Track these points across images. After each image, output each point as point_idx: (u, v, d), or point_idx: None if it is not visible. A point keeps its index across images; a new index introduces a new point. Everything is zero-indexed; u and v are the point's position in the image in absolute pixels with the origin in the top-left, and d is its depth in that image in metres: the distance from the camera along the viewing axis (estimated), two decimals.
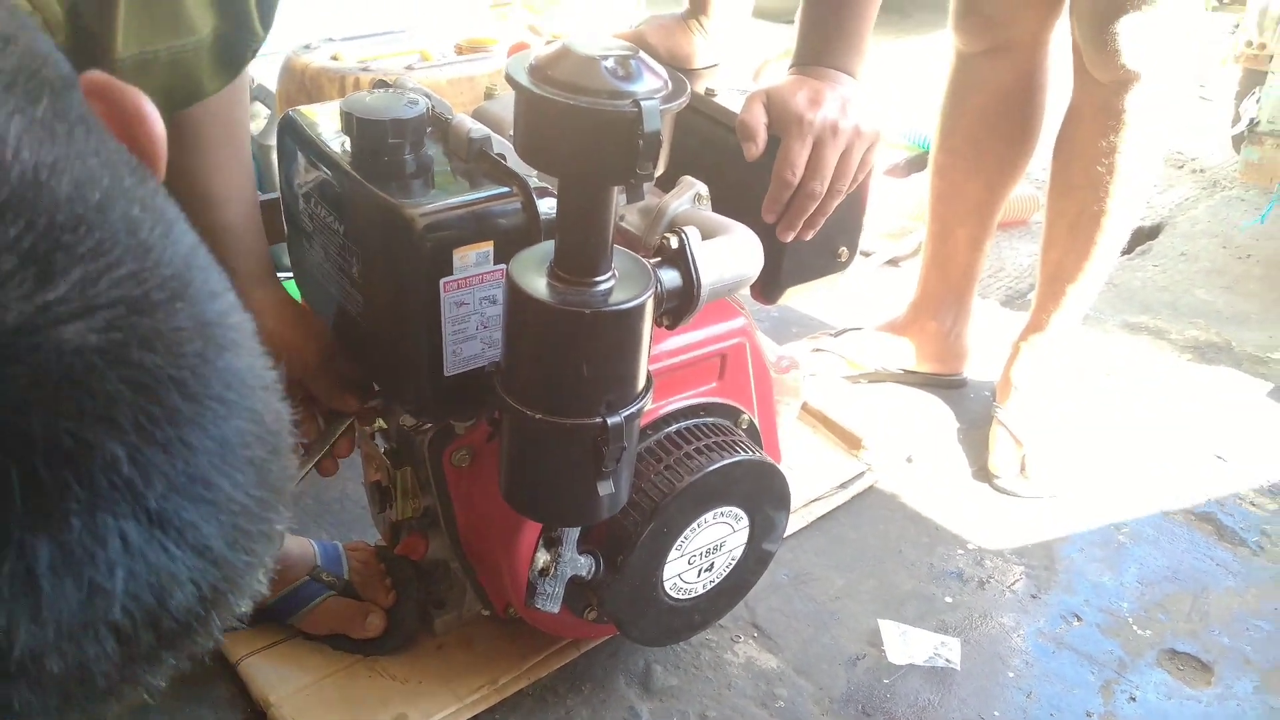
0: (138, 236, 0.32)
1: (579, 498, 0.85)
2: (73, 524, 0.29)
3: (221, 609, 0.35)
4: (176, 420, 0.31)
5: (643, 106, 0.66)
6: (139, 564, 0.31)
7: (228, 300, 0.35)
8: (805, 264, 1.09)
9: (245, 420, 0.34)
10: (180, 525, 0.32)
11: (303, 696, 1.08)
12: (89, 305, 0.30)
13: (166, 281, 0.32)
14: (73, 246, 0.30)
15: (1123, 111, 1.37)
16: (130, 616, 0.32)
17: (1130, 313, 2.00)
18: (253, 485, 0.34)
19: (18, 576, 0.29)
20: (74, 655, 0.31)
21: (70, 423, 0.29)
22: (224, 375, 0.33)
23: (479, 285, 0.87)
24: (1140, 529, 1.48)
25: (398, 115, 0.86)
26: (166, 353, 0.31)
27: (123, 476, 0.30)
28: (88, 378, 0.29)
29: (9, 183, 0.30)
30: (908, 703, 1.19)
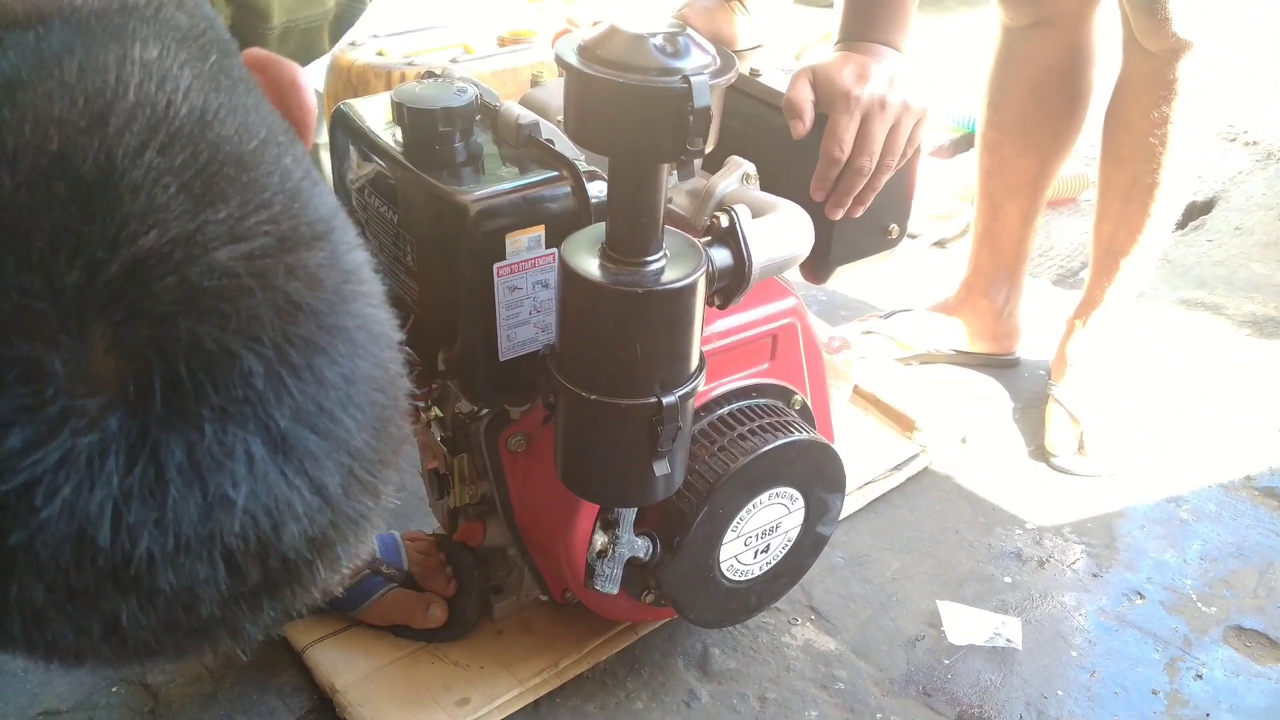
0: (290, 182, 0.34)
1: (635, 478, 0.86)
2: (205, 430, 0.30)
3: (326, 559, 0.35)
4: (311, 348, 0.32)
5: (692, 82, 0.66)
6: (260, 485, 0.31)
7: (364, 256, 0.37)
8: (855, 242, 1.09)
9: (372, 365, 0.35)
10: (302, 454, 0.32)
11: (367, 682, 1.09)
12: (242, 231, 0.31)
13: (313, 224, 0.34)
14: (232, 179, 0.32)
15: (1175, 81, 1.35)
16: (245, 541, 0.32)
17: (1185, 288, 1.97)
18: (371, 433, 0.35)
19: (148, 476, 0.30)
20: (187, 573, 0.31)
21: (215, 330, 0.30)
22: (358, 318, 0.34)
23: (531, 270, 0.88)
24: (1202, 505, 1.46)
25: (448, 104, 0.87)
26: (309, 284, 0.32)
27: (257, 391, 0.31)
28: (235, 293, 0.30)
29: (178, 118, 0.32)
30: (969, 683, 1.18)
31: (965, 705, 1.16)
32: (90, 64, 0.32)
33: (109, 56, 0.32)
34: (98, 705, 1.10)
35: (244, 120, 0.34)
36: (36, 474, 0.28)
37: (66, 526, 0.29)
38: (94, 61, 0.32)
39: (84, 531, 0.29)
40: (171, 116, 0.32)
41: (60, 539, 0.29)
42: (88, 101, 0.31)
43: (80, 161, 0.30)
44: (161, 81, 0.33)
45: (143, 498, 0.30)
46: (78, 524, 0.29)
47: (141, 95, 0.32)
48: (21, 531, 0.29)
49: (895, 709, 1.14)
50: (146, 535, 0.30)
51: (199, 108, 0.33)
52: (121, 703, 1.11)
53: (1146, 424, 1.58)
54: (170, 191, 0.30)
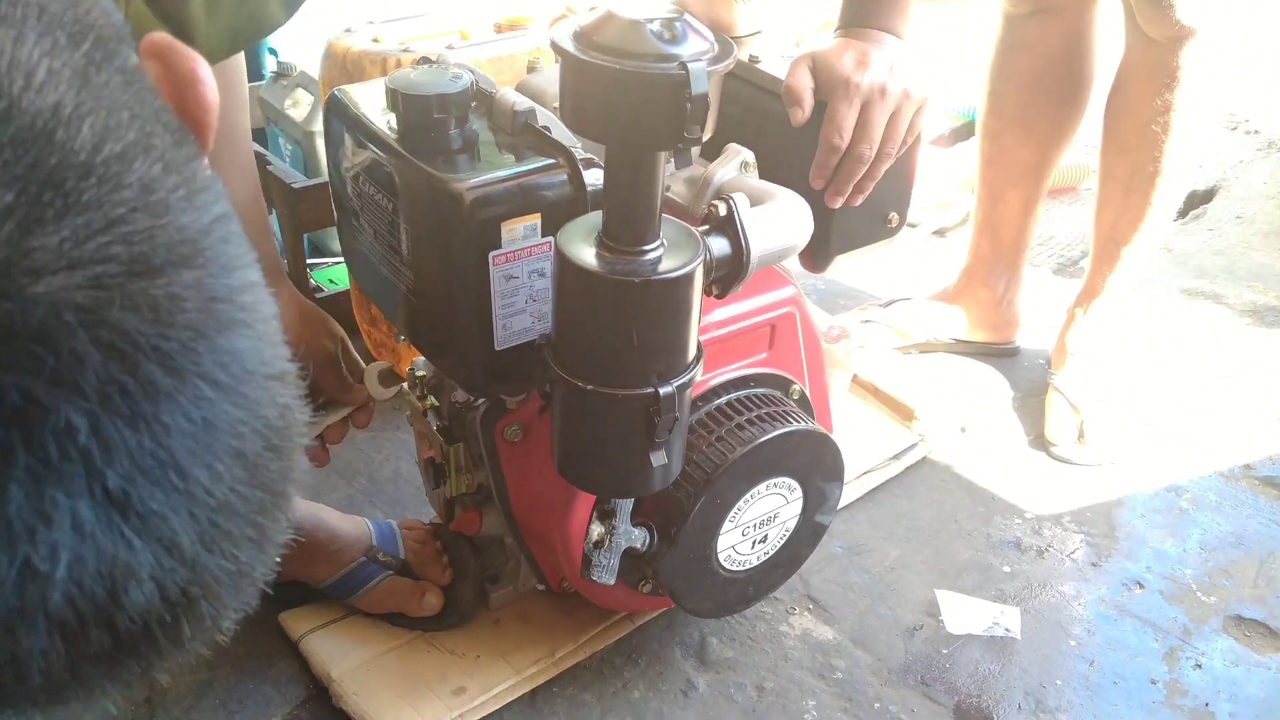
0: (153, 195, 0.30)
1: (632, 469, 0.85)
2: (12, 492, 0.27)
3: (193, 617, 0.32)
4: (152, 395, 0.28)
5: (689, 68, 0.65)
6: (88, 549, 0.28)
7: (246, 277, 0.32)
8: (854, 231, 1.08)
9: (239, 408, 0.31)
10: (143, 512, 0.29)
11: (363, 671, 1.09)
12: (78, 258, 0.27)
13: (175, 245, 0.30)
14: (76, 194, 0.28)
15: (1177, 69, 1.34)
16: (74, 608, 0.28)
17: (1186, 277, 1.96)
18: (240, 481, 0.31)
19: None
20: (7, 646, 0.28)
21: (25, 379, 0.26)
22: (220, 355, 0.30)
23: (527, 258, 0.87)
24: (1202, 495, 1.46)
25: (442, 90, 0.86)
26: (154, 319, 0.28)
27: (79, 447, 0.27)
28: (54, 333, 0.27)
29: (23, 117, 0.28)
30: (967, 672, 1.18)
31: (964, 695, 1.15)
32: None
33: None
34: None
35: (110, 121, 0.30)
36: None
37: None
38: None
39: None
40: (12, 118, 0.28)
41: None
42: None
43: None
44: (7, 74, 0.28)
45: None
46: None
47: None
48: None
49: (893, 698, 1.14)
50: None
51: (49, 106, 0.29)
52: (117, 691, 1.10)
53: (1146, 413, 1.58)
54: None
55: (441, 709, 1.06)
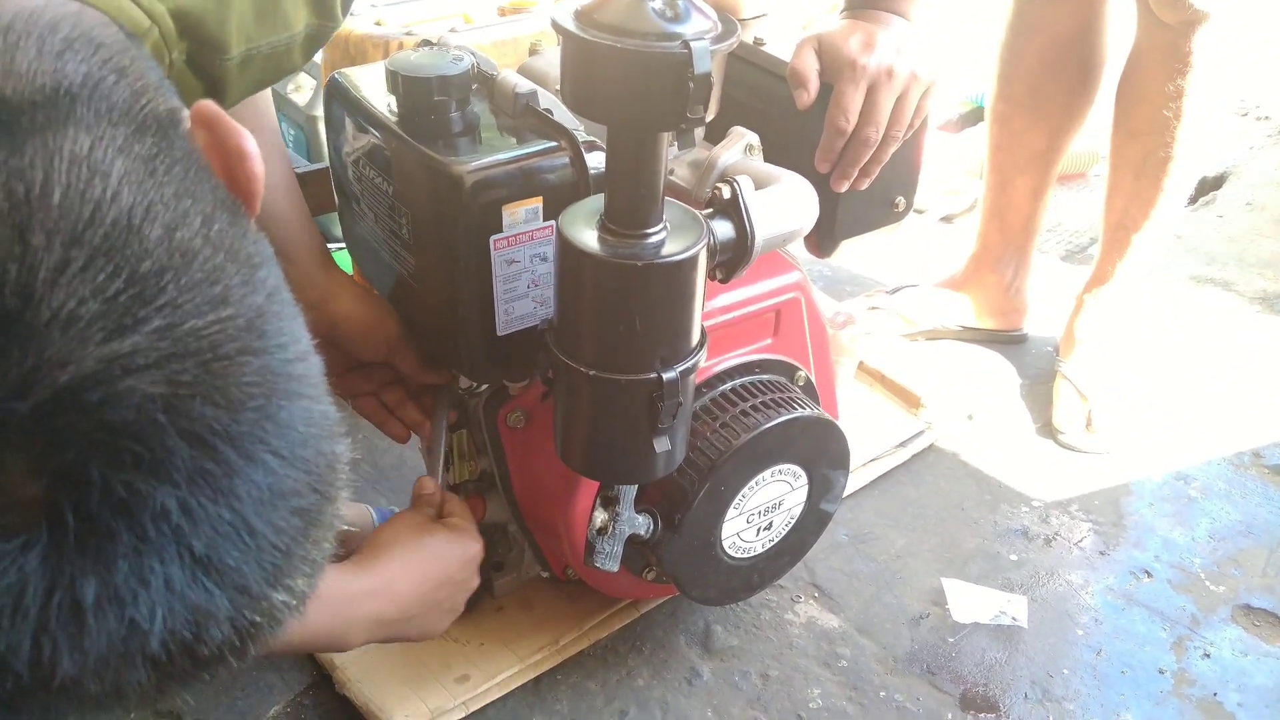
0: (218, 286, 0.33)
1: (635, 455, 0.84)
2: (119, 566, 0.31)
3: (257, 639, 0.37)
4: (228, 472, 0.33)
5: (692, 47, 0.64)
6: (179, 603, 0.33)
7: (298, 348, 0.37)
8: (861, 215, 1.07)
9: (297, 469, 0.35)
10: (221, 568, 0.33)
11: (367, 658, 1.08)
12: (160, 357, 0.31)
13: (240, 333, 0.34)
14: (156, 296, 0.31)
15: (1190, 53, 1.32)
16: (167, 649, 0.33)
17: (1196, 264, 1.95)
18: (298, 530, 0.36)
19: (64, 609, 0.31)
20: (111, 679, 0.33)
21: (127, 474, 0.31)
22: (282, 428, 0.35)
23: (529, 243, 0.86)
24: (1211, 483, 1.44)
25: (443, 72, 0.85)
26: (228, 407, 0.33)
27: (171, 525, 0.32)
28: (149, 430, 0.31)
29: (104, 226, 0.31)
30: (974, 661, 1.17)
31: (970, 683, 1.15)
32: (14, 166, 0.31)
33: (36, 157, 0.32)
34: None
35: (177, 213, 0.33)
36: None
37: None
38: (18, 164, 0.31)
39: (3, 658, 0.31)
40: (95, 225, 0.31)
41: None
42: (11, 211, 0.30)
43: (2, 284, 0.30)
44: (89, 182, 0.32)
45: (60, 628, 0.31)
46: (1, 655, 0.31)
47: (65, 202, 0.31)
48: None
49: (899, 687, 1.14)
50: (64, 659, 0.31)
51: (126, 211, 0.32)
52: None
53: (1155, 401, 1.57)
54: (90, 318, 0.30)
55: (446, 696, 1.06)
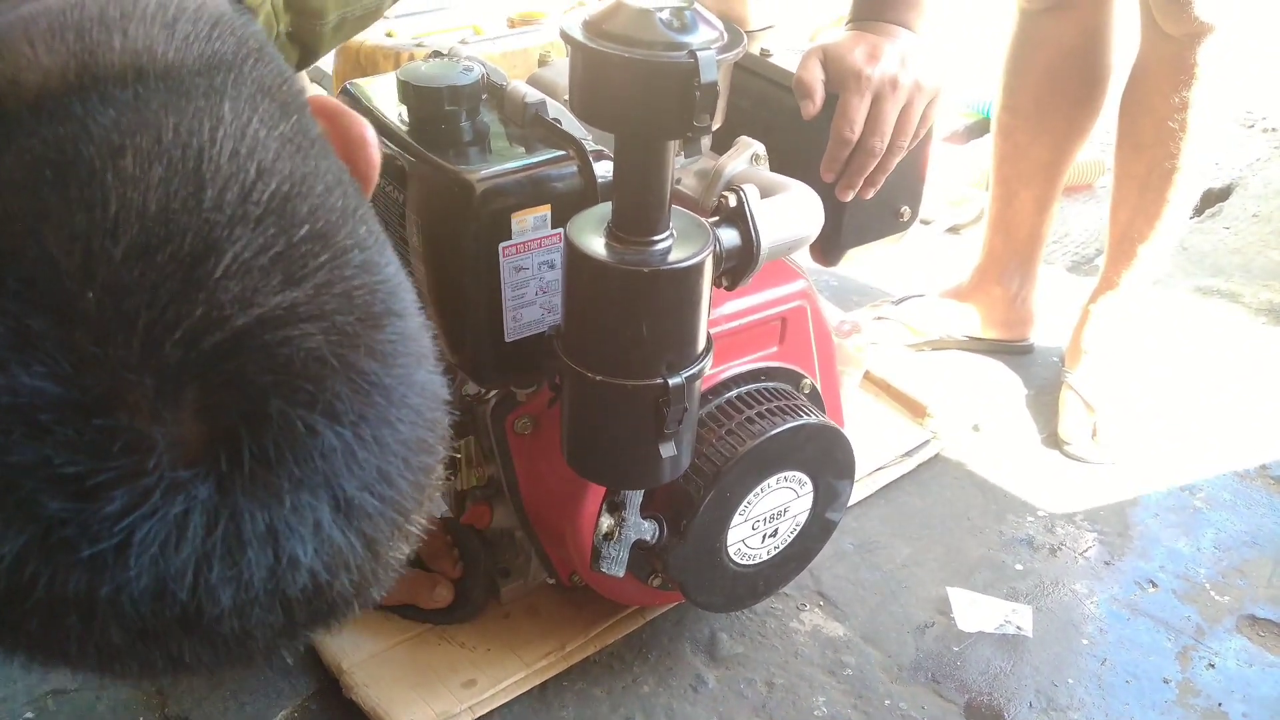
0: (365, 254, 0.36)
1: (641, 460, 0.85)
2: (285, 500, 0.33)
3: (363, 599, 0.38)
4: (381, 422, 0.34)
5: (699, 57, 0.65)
6: (325, 545, 0.34)
7: (422, 319, 0.39)
8: (866, 224, 1.08)
9: (426, 430, 0.37)
10: (361, 517, 0.35)
11: (374, 663, 1.09)
12: (325, 309, 0.33)
13: (385, 297, 0.36)
14: (317, 255, 0.34)
15: (1195, 65, 1.33)
16: (304, 591, 0.34)
17: (1202, 276, 1.95)
18: (417, 490, 0.37)
19: (229, 540, 0.32)
20: (250, 619, 0.34)
21: (303, 410, 0.32)
22: (418, 387, 0.37)
23: (537, 250, 0.87)
24: (1216, 494, 1.45)
25: (453, 82, 0.87)
26: (383, 362, 0.35)
27: (332, 465, 0.33)
28: (321, 374, 0.33)
29: (267, 191, 0.33)
30: (978, 670, 1.17)
31: (975, 692, 1.15)
32: (185, 129, 0.33)
33: (204, 121, 0.34)
34: (105, 684, 1.10)
35: (324, 189, 0.36)
36: (130, 536, 0.31)
37: (151, 580, 0.32)
38: (189, 125, 0.34)
39: (166, 585, 0.32)
40: (261, 189, 0.33)
41: (144, 591, 0.32)
42: (184, 171, 0.32)
43: (181, 236, 0.31)
44: (252, 149, 0.34)
45: (222, 557, 0.32)
46: (161, 578, 0.32)
47: (234, 165, 0.33)
48: (110, 585, 0.32)
49: (904, 695, 1.14)
50: (222, 590, 0.33)
51: (285, 178, 0.34)
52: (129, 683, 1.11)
53: (1161, 412, 1.57)
54: (263, 269, 0.32)
55: (452, 701, 1.06)
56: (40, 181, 0.32)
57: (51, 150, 0.32)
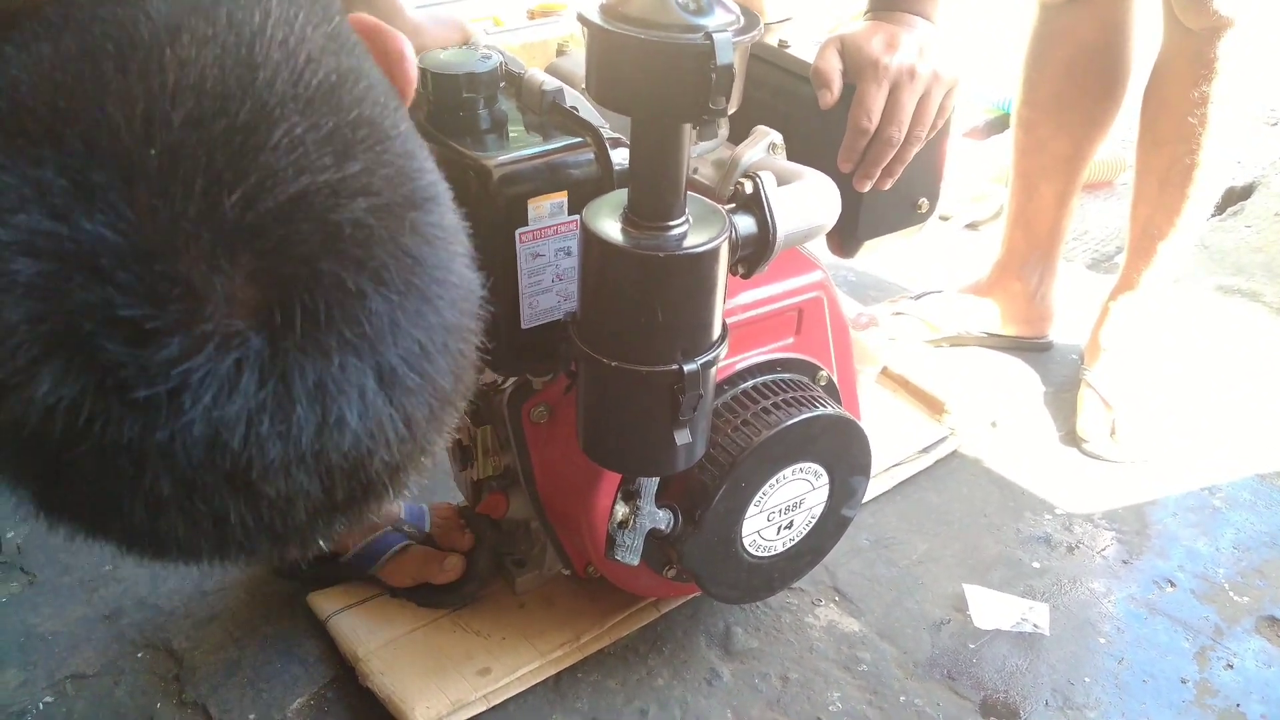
0: (407, 145, 0.37)
1: (656, 447, 0.85)
2: (333, 359, 0.34)
3: (395, 485, 0.39)
4: (422, 297, 0.36)
5: (715, 39, 0.65)
6: (368, 413, 0.35)
7: (459, 219, 0.40)
8: (883, 216, 1.07)
9: (463, 317, 0.39)
10: (402, 390, 0.36)
11: (390, 650, 1.10)
12: (373, 187, 0.35)
13: (428, 186, 0.37)
14: (363, 140, 0.35)
15: (1215, 60, 1.32)
16: (345, 460, 0.35)
17: (1223, 274, 1.93)
18: (453, 377, 0.38)
19: (280, 394, 0.33)
20: (293, 483, 0.35)
21: (352, 273, 0.34)
22: (459, 274, 0.38)
23: (554, 236, 0.87)
24: (1236, 494, 1.43)
25: (472, 70, 0.87)
26: (426, 240, 0.36)
27: (377, 328, 0.34)
28: (369, 242, 0.34)
29: (315, 78, 0.35)
30: (994, 668, 1.17)
31: (990, 690, 1.14)
32: (237, 17, 0.35)
33: (254, 11, 0.35)
34: (124, 670, 1.12)
35: (367, 85, 0.37)
36: (186, 381, 0.32)
37: (205, 429, 0.33)
38: (240, 14, 0.35)
39: (219, 435, 0.33)
40: (309, 75, 0.35)
41: (197, 440, 0.33)
42: (239, 50, 0.34)
43: (237, 108, 0.33)
44: (300, 41, 0.35)
45: (273, 412, 0.33)
46: (215, 428, 0.33)
47: (284, 52, 0.35)
48: (165, 430, 0.32)
49: (919, 692, 1.13)
50: (270, 444, 0.33)
51: (332, 69, 0.36)
52: (147, 669, 1.12)
53: (1180, 410, 1.56)
54: (313, 144, 0.33)
55: (467, 688, 1.06)
56: (102, 54, 0.33)
57: (112, 28, 0.33)
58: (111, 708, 1.08)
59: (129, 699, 1.09)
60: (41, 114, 0.32)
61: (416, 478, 0.40)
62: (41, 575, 1.22)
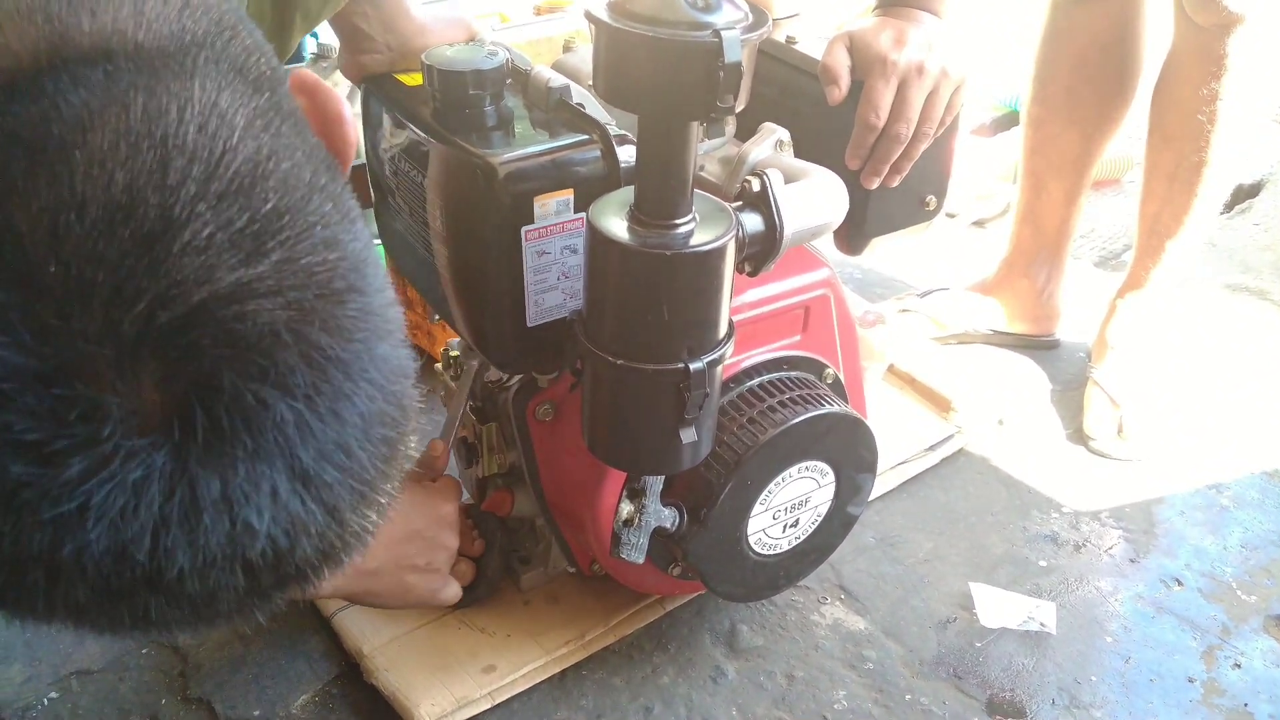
0: (328, 230, 0.36)
1: (662, 446, 0.85)
2: (239, 469, 0.34)
3: (331, 564, 0.39)
4: (336, 395, 0.36)
5: (723, 37, 0.64)
6: (281, 512, 0.35)
7: (388, 295, 0.40)
8: (891, 213, 1.07)
9: (388, 404, 0.38)
10: (320, 486, 0.36)
11: (394, 647, 1.09)
12: (283, 285, 0.34)
13: (346, 273, 0.37)
14: (277, 232, 0.34)
15: (1224, 57, 1.31)
16: (264, 556, 0.36)
17: (1231, 273, 1.93)
18: (382, 460, 0.38)
19: (185, 505, 0.33)
20: (210, 581, 0.35)
21: (255, 384, 0.33)
22: (379, 362, 0.37)
23: (560, 234, 0.87)
24: (1243, 492, 1.43)
25: (478, 66, 0.87)
26: (339, 336, 0.36)
27: (286, 436, 0.34)
28: (274, 348, 0.34)
29: (231, 168, 0.34)
30: (1001, 666, 1.16)
31: (996, 688, 1.14)
32: (153, 107, 0.34)
33: (171, 101, 0.35)
34: (128, 666, 1.12)
35: (291, 164, 0.36)
36: (89, 500, 0.32)
37: (111, 542, 0.33)
38: (156, 105, 0.34)
39: (125, 548, 0.33)
40: (225, 166, 0.34)
41: (104, 552, 0.33)
42: (150, 149, 0.33)
43: (143, 212, 0.32)
44: (218, 128, 0.35)
45: (179, 523, 0.34)
46: (120, 541, 0.33)
47: (198, 143, 0.34)
48: (72, 545, 0.33)
49: (925, 690, 1.13)
50: (179, 553, 0.34)
51: (250, 156, 0.35)
52: (152, 665, 1.12)
53: (1188, 409, 1.55)
54: (221, 246, 0.33)
55: (472, 686, 1.06)
56: (10, 158, 0.33)
57: (23, 127, 0.33)
58: (116, 704, 1.08)
59: (133, 695, 1.09)
60: None
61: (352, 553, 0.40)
62: None
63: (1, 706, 1.07)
